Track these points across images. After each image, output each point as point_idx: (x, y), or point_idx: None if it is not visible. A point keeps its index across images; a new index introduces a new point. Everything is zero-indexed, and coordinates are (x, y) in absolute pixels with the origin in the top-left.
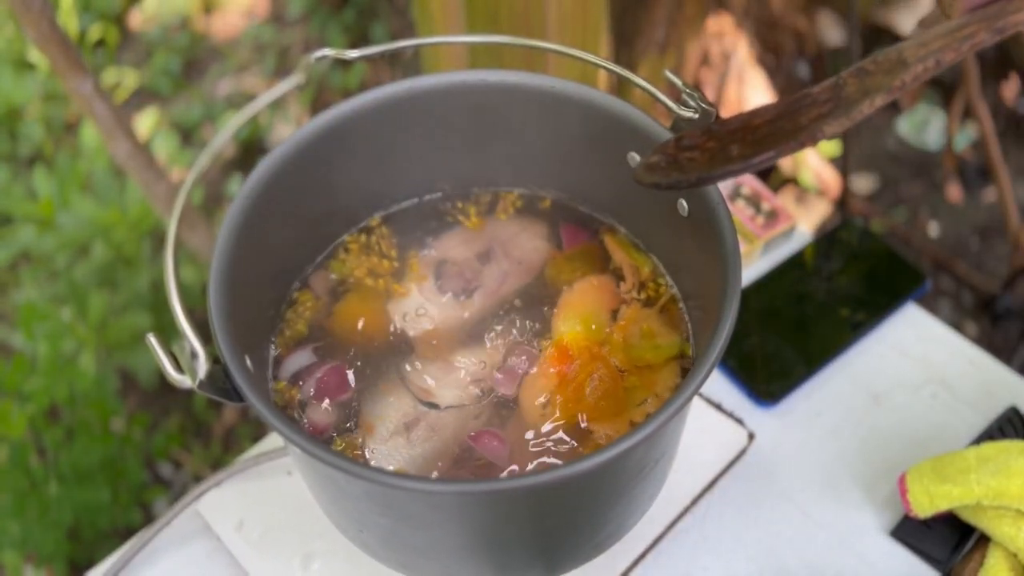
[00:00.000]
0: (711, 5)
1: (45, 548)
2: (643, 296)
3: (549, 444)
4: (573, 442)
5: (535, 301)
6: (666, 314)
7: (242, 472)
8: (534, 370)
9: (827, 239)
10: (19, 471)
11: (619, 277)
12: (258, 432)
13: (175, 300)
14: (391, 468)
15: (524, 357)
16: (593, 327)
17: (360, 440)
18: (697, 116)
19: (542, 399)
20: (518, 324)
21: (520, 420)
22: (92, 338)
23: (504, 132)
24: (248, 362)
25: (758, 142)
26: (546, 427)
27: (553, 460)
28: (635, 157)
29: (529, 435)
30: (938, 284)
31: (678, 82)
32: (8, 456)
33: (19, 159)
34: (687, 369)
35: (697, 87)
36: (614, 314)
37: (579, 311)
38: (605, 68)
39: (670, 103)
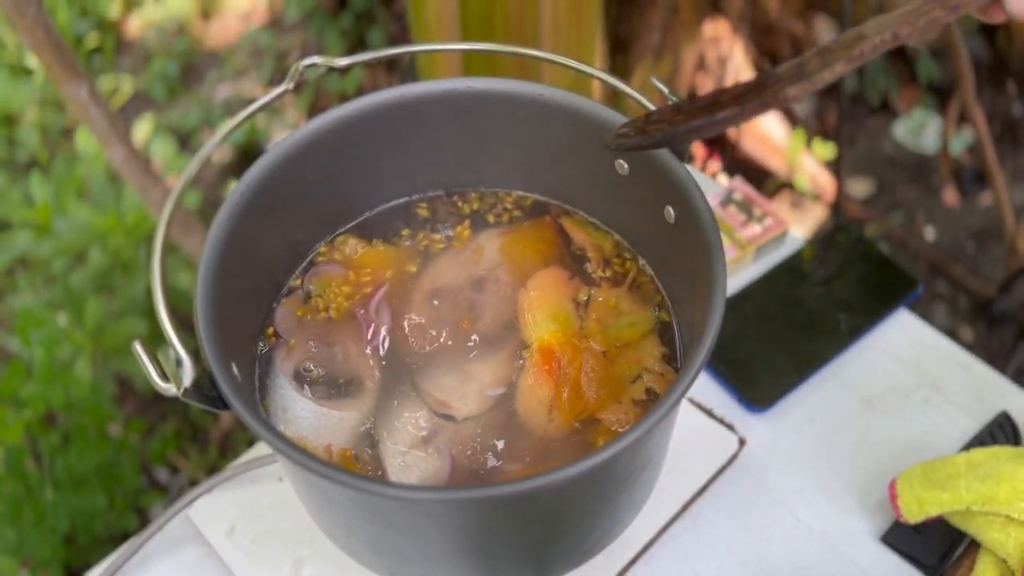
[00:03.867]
0: (707, 10)
1: (41, 554)
2: (608, 273)
3: (563, 445)
4: (586, 437)
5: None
6: (635, 291)
7: (233, 478)
8: (528, 381)
9: (819, 244)
10: (15, 477)
11: (582, 258)
12: (254, 437)
13: (161, 306)
14: (411, 482)
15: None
16: (565, 321)
17: (378, 454)
18: None
19: (544, 406)
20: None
21: (529, 431)
22: (88, 344)
23: (493, 138)
24: (235, 369)
25: (723, 107)
26: (557, 430)
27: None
28: (623, 165)
29: (543, 441)
30: (934, 288)
31: (664, 89)
32: (4, 462)
33: (16, 165)
34: (668, 338)
35: (692, 95)
36: (577, 303)
37: (547, 310)
38: (593, 76)
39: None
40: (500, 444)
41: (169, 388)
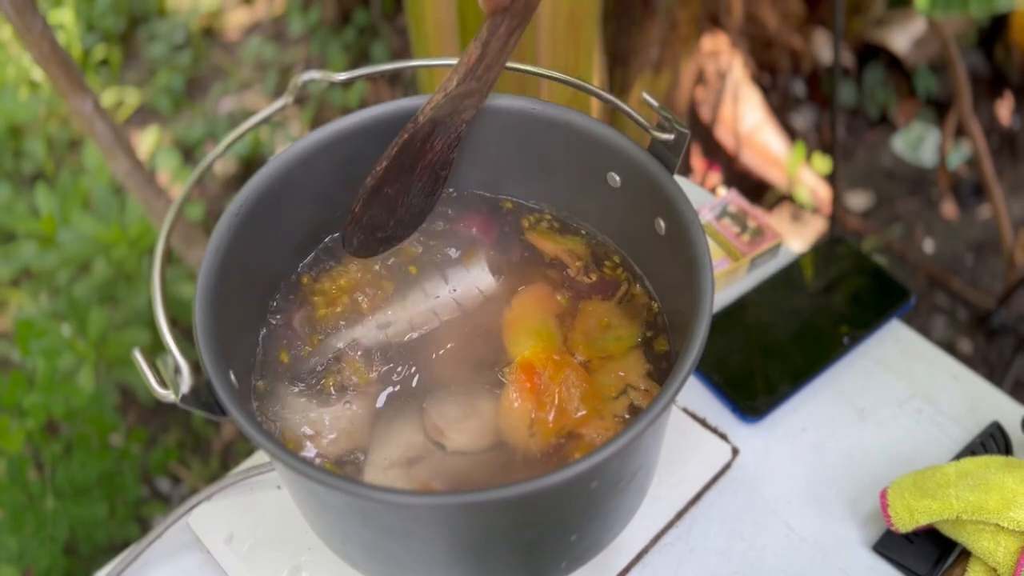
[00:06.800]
0: (705, 25)
1: (42, 563)
2: (595, 278)
3: (545, 462)
4: (568, 453)
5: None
6: (626, 304)
7: (232, 486)
8: (509, 397)
9: (813, 256)
10: (17, 486)
11: (561, 268)
12: (254, 446)
13: (160, 313)
14: None
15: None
16: (548, 336)
17: (359, 462)
18: (672, 138)
19: (525, 422)
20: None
21: (510, 449)
22: (91, 354)
23: (487, 151)
24: (232, 376)
25: (398, 174)
26: (538, 446)
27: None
28: (615, 178)
29: (524, 460)
30: (933, 300)
31: (654, 104)
32: (6, 471)
33: (22, 176)
34: (652, 355)
35: (693, 111)
36: (563, 313)
37: (528, 327)
38: (585, 90)
39: (648, 125)
40: (481, 479)
41: (167, 395)
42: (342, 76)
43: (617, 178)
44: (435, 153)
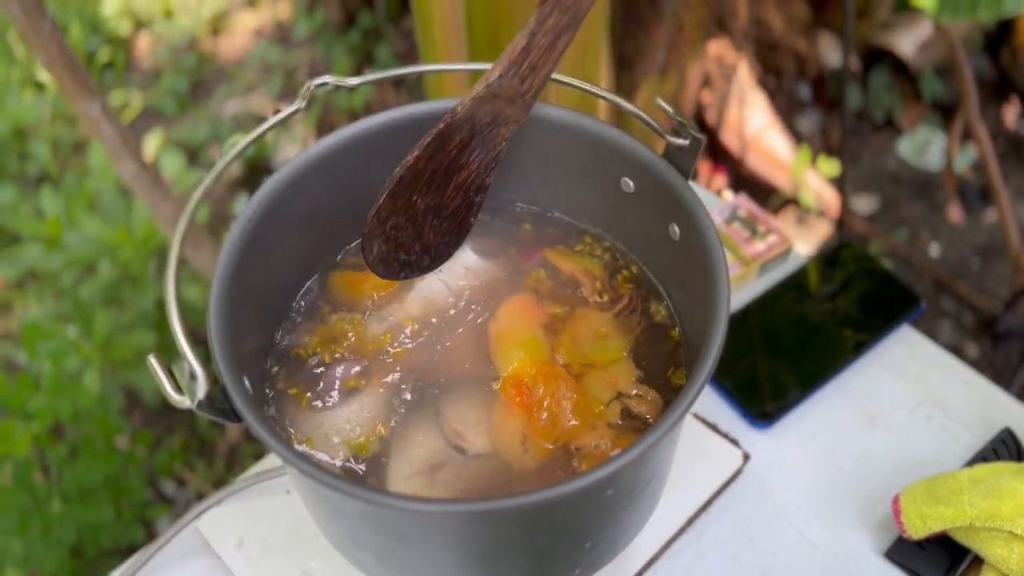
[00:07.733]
0: (711, 28)
1: (48, 566)
2: (606, 299)
3: (543, 474)
4: (566, 463)
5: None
6: (622, 318)
7: (242, 490)
8: (500, 414)
9: (823, 261)
10: (23, 489)
11: (576, 287)
12: (261, 450)
13: (175, 321)
14: None
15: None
16: (535, 348)
17: (382, 472)
18: (687, 143)
19: (518, 437)
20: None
21: (505, 467)
22: (97, 356)
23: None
24: (247, 383)
25: (430, 183)
26: (533, 461)
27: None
28: (628, 183)
29: (520, 473)
30: (939, 305)
31: (668, 109)
32: (12, 474)
33: (27, 178)
34: (640, 363)
35: (699, 114)
36: (553, 320)
37: (515, 339)
38: (595, 95)
39: (662, 130)
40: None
41: (183, 401)
42: (354, 81)
43: (631, 183)
44: (470, 172)
